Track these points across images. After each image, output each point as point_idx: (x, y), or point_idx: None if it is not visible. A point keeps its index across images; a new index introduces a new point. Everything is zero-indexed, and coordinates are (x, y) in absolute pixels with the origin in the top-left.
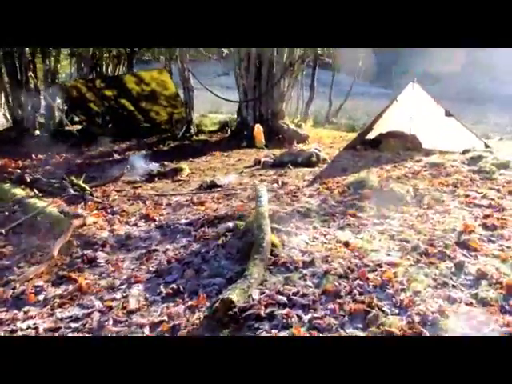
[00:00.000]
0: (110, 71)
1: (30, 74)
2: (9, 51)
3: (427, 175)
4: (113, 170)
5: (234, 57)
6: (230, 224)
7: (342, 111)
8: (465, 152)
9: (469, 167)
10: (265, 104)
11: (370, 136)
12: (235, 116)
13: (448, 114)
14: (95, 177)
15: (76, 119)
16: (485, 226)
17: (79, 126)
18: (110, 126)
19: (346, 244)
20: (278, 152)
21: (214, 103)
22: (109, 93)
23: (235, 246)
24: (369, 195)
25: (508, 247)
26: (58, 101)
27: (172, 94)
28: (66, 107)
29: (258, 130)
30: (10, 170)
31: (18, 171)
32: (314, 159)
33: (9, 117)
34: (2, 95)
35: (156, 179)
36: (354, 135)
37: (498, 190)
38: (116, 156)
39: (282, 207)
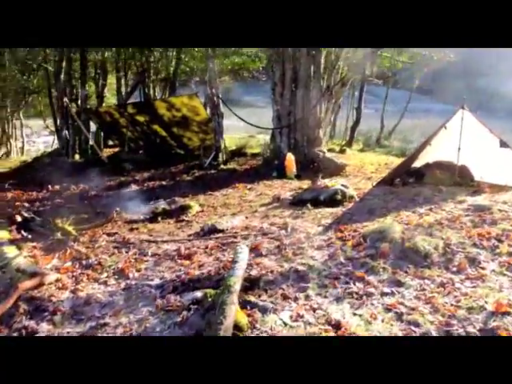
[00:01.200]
0: (157, 94)
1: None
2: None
3: (467, 222)
4: (124, 204)
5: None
6: (199, 294)
7: (397, 132)
8: None
9: None
10: (300, 131)
11: (416, 165)
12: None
13: (503, 144)
14: (102, 213)
15: (111, 143)
16: None
17: (115, 150)
18: (140, 152)
19: (337, 326)
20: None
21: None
22: (141, 118)
23: (195, 325)
24: (386, 252)
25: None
26: (93, 127)
27: (203, 119)
28: (101, 132)
29: (289, 158)
30: (18, 203)
31: (26, 205)
32: (338, 197)
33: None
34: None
35: (160, 218)
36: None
37: None
38: (134, 187)
39: (279, 264)
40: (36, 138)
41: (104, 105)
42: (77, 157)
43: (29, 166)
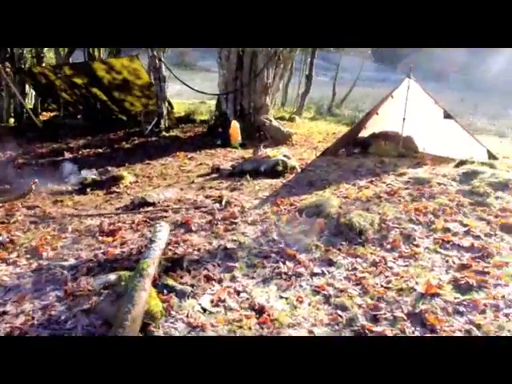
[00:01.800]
0: (102, 55)
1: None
2: None
3: (405, 196)
4: (53, 175)
5: None
6: (113, 276)
7: (350, 100)
8: (460, 164)
9: (459, 187)
10: (246, 97)
11: (364, 134)
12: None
13: (447, 115)
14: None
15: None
16: (456, 286)
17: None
18: (79, 117)
19: (260, 311)
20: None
21: None
22: (79, 81)
23: (104, 313)
24: (319, 228)
25: (478, 325)
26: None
27: (145, 83)
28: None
29: (234, 126)
30: None
31: None
32: (279, 168)
33: None
34: None
35: (89, 190)
36: None
37: (489, 222)
38: (67, 155)
39: (208, 241)
40: None
41: (43, 65)
42: (11, 121)
43: None
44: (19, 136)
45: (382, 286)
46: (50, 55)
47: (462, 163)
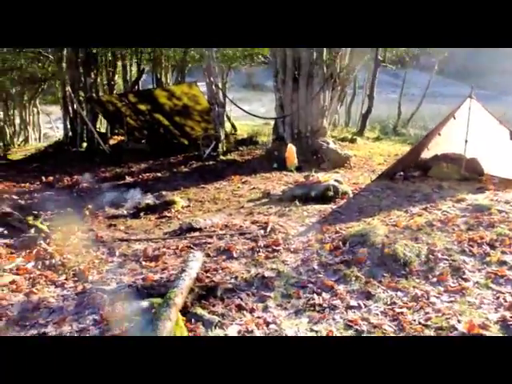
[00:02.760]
0: (169, 80)
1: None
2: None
3: (461, 225)
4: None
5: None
6: (145, 303)
7: (417, 118)
8: None
9: None
10: (303, 120)
11: (426, 156)
12: None
13: None
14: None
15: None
16: (504, 326)
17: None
18: (143, 141)
19: None
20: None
21: None
22: (143, 107)
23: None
24: (362, 258)
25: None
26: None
27: (204, 108)
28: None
29: (290, 150)
30: (6, 195)
31: (15, 197)
32: (330, 193)
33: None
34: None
35: (142, 214)
36: None
37: None
38: (128, 179)
39: (247, 268)
40: (60, 123)
41: (115, 92)
42: (84, 145)
43: (32, 156)
44: (88, 160)
45: (419, 323)
46: (120, 81)
47: None
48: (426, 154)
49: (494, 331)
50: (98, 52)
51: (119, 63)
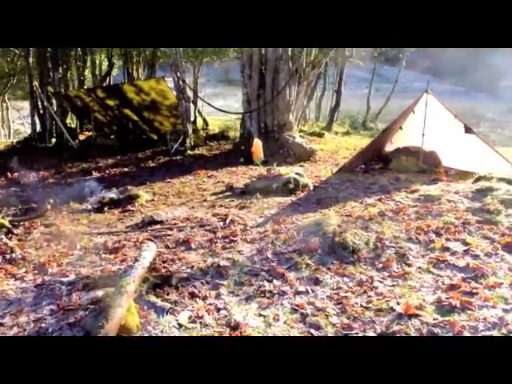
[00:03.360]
0: (140, 75)
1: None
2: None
3: (411, 214)
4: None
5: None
6: (100, 293)
7: (387, 113)
8: (477, 180)
9: (469, 204)
10: (270, 115)
11: (389, 149)
12: None
13: (468, 129)
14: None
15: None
16: (438, 307)
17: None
18: (112, 137)
19: (235, 328)
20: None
21: None
22: (111, 102)
23: (86, 327)
24: (313, 247)
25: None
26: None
27: (172, 103)
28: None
29: (257, 144)
30: None
31: None
32: (290, 186)
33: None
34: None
35: (106, 208)
36: None
37: (493, 241)
38: (95, 174)
39: (203, 258)
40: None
41: (86, 87)
42: (53, 141)
43: None
44: (56, 156)
45: (361, 305)
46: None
47: (478, 179)
48: (390, 148)
49: (429, 312)
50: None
51: (89, 58)
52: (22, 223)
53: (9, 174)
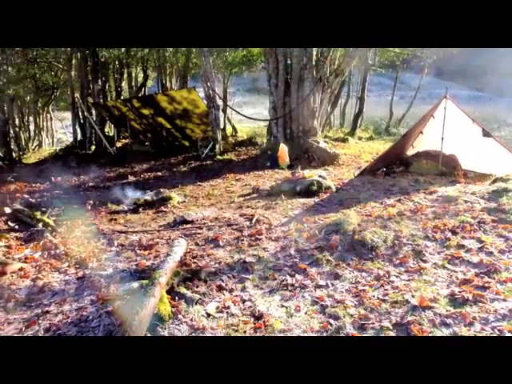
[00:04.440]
0: (173, 86)
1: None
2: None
3: (429, 214)
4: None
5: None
6: (136, 284)
7: (410, 118)
8: (494, 182)
9: (486, 204)
10: (295, 121)
11: (411, 153)
12: None
13: (486, 134)
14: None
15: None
16: (451, 300)
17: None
18: (146, 144)
19: (258, 318)
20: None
21: None
22: (146, 111)
23: (123, 315)
24: (334, 244)
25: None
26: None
27: (203, 112)
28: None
29: (282, 149)
30: (18, 194)
31: (26, 196)
32: (314, 188)
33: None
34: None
35: (141, 209)
36: None
37: (507, 239)
38: (130, 178)
39: (231, 255)
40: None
41: (122, 97)
42: (93, 148)
43: (45, 159)
44: (95, 162)
45: (378, 298)
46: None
47: (495, 181)
48: (410, 151)
49: (443, 304)
50: (107, 60)
51: (126, 70)
52: (64, 222)
53: (52, 178)
